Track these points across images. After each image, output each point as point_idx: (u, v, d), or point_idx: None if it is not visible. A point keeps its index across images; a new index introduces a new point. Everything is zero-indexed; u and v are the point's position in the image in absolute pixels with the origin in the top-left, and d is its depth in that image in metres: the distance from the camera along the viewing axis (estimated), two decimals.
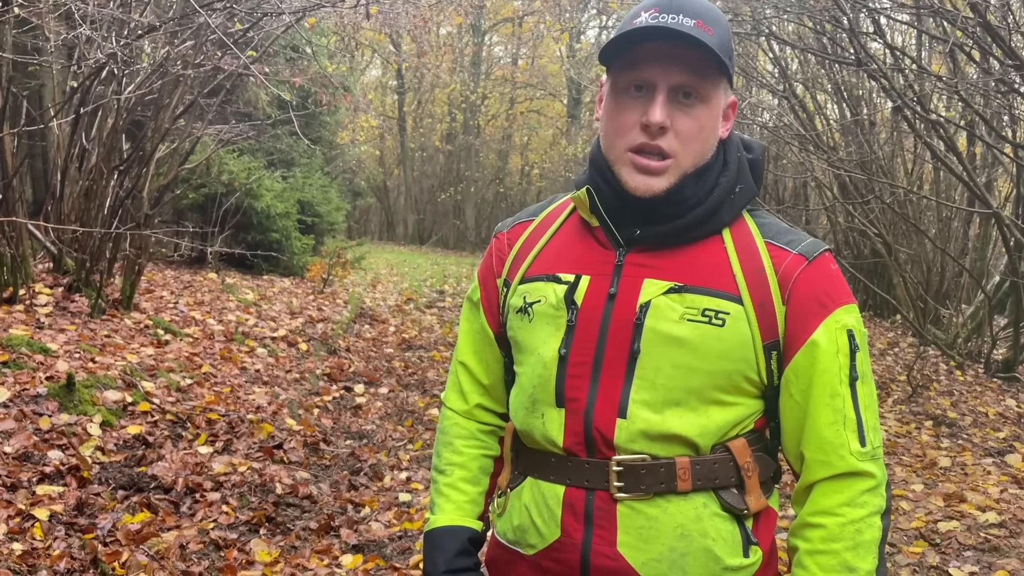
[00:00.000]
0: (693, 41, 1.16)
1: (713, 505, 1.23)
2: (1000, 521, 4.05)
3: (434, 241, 26.83)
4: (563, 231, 1.36)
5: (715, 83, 1.23)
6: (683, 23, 1.17)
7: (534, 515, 1.29)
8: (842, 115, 10.91)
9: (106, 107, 6.11)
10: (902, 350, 9.55)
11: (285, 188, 10.79)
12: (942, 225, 10.22)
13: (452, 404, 1.47)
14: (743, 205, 1.29)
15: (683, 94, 1.20)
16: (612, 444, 1.22)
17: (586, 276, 1.28)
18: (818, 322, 1.22)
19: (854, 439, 1.21)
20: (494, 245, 1.43)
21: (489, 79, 26.61)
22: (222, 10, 5.39)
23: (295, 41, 10.10)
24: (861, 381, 1.23)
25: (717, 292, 1.22)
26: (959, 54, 7.17)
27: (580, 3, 16.69)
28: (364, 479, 4.47)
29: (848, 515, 1.19)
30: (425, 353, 8.04)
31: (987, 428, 6.16)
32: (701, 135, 1.23)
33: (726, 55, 1.20)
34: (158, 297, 7.16)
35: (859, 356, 1.23)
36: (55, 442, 3.83)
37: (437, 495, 1.42)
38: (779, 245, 1.26)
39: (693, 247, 1.26)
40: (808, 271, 1.24)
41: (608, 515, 1.23)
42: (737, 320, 1.21)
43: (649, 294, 1.23)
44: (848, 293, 1.26)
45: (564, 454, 1.26)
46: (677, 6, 1.19)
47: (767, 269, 1.24)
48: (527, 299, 1.31)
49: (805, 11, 7.87)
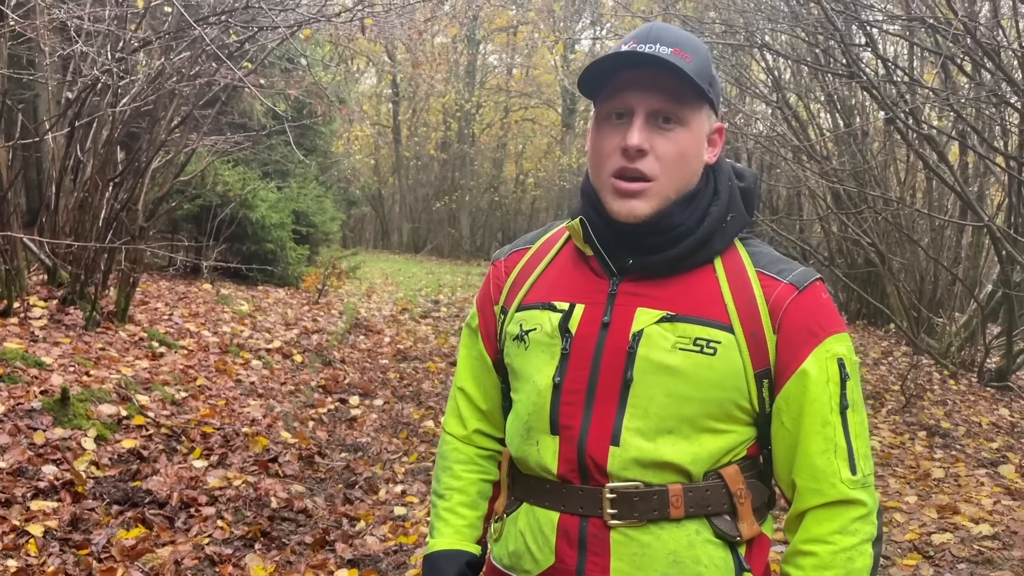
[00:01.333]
0: (669, 67, 1.19)
1: (706, 532, 1.24)
2: (993, 533, 4.07)
3: (429, 250, 26.85)
4: (559, 259, 1.38)
5: (694, 108, 1.24)
6: (660, 51, 1.20)
7: (529, 541, 1.31)
8: (835, 125, 10.97)
9: (101, 119, 6.11)
10: (896, 359, 9.58)
11: (280, 198, 10.80)
12: (935, 234, 10.26)
13: (451, 429, 1.49)
14: (735, 234, 1.30)
15: (662, 119, 1.23)
16: (605, 472, 1.24)
17: (580, 304, 1.29)
18: (808, 351, 1.23)
19: (845, 467, 1.22)
20: (491, 273, 1.45)
21: (484, 88, 26.68)
22: (217, 24, 5.40)
23: (290, 52, 10.11)
24: (852, 409, 1.24)
25: (709, 321, 1.24)
26: (951, 66, 7.22)
27: (574, 13, 16.75)
28: (359, 492, 4.47)
29: (840, 543, 1.20)
30: (420, 364, 8.04)
31: (980, 438, 6.19)
32: (682, 159, 1.24)
33: (705, 81, 1.22)
34: (153, 309, 7.15)
35: (850, 385, 1.24)
36: (49, 457, 3.82)
37: (436, 519, 1.43)
38: (770, 274, 1.27)
39: (685, 276, 1.27)
40: (799, 300, 1.25)
41: (602, 542, 1.24)
42: (728, 349, 1.23)
43: (642, 323, 1.24)
44: (839, 322, 1.27)
45: (558, 481, 1.28)
46: (655, 36, 1.22)
47: (758, 298, 1.25)
48: (523, 327, 1.33)
49: (798, 23, 7.92)
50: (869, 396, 7.51)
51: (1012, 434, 6.40)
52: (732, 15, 8.64)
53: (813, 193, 11.41)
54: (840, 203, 10.18)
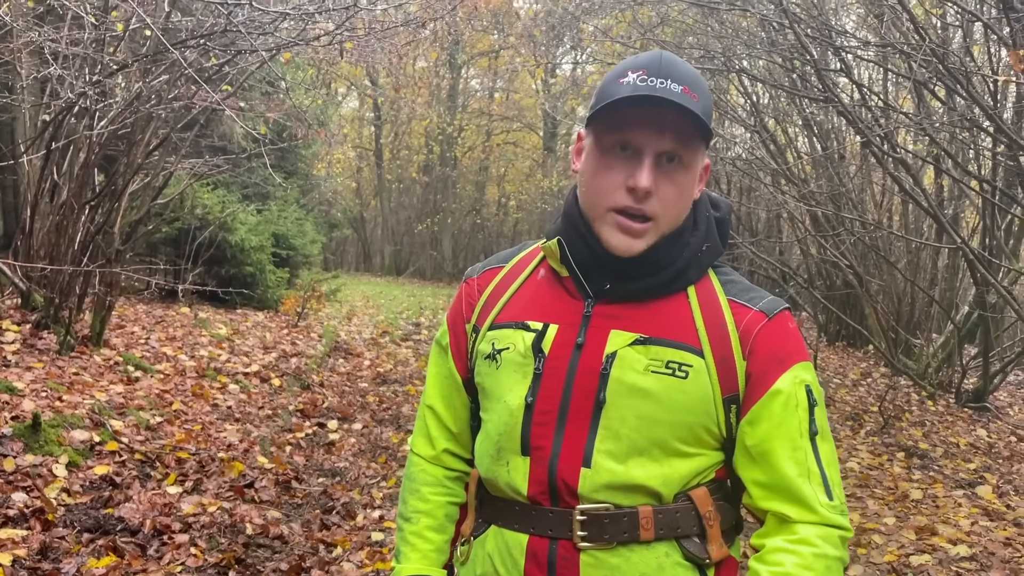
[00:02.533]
0: (683, 110, 1.18)
1: (675, 554, 1.24)
2: (971, 554, 4.08)
3: (411, 272, 26.82)
4: (533, 279, 1.38)
5: (696, 149, 1.25)
6: (671, 89, 1.18)
7: (497, 564, 1.30)
8: (812, 149, 11.10)
9: (78, 142, 6.08)
10: (875, 380, 9.64)
11: (260, 221, 10.76)
12: (911, 256, 10.37)
13: (419, 449, 1.47)
14: (709, 263, 1.32)
15: (667, 159, 1.22)
16: (576, 493, 1.23)
17: (554, 325, 1.29)
18: (776, 376, 1.24)
19: (822, 492, 1.22)
20: (463, 290, 1.44)
21: (466, 111, 26.82)
22: (196, 47, 5.40)
23: (270, 75, 10.12)
24: (821, 437, 1.24)
25: (681, 344, 1.24)
26: (924, 91, 7.33)
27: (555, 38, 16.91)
28: (336, 518, 4.41)
29: (823, 549, 1.19)
30: (400, 387, 7.99)
31: (958, 459, 6.22)
32: (680, 199, 1.26)
33: (710, 121, 1.23)
34: (129, 333, 7.08)
35: (817, 412, 1.25)
36: (19, 484, 3.75)
37: (403, 543, 1.42)
38: (740, 302, 1.28)
39: (659, 302, 1.28)
40: (768, 328, 1.26)
41: (571, 564, 1.23)
42: (699, 373, 1.23)
43: (615, 344, 1.25)
44: (804, 351, 1.28)
45: (528, 503, 1.27)
46: (665, 71, 1.20)
47: (729, 325, 1.26)
48: (496, 345, 1.32)
49: (774, 49, 8.03)
50: (848, 417, 7.54)
51: (989, 455, 6.44)
52: (710, 40, 8.75)
53: (792, 216, 11.51)
54: (818, 226, 10.27)
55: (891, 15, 6.40)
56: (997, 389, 8.68)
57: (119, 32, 5.50)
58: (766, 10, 7.33)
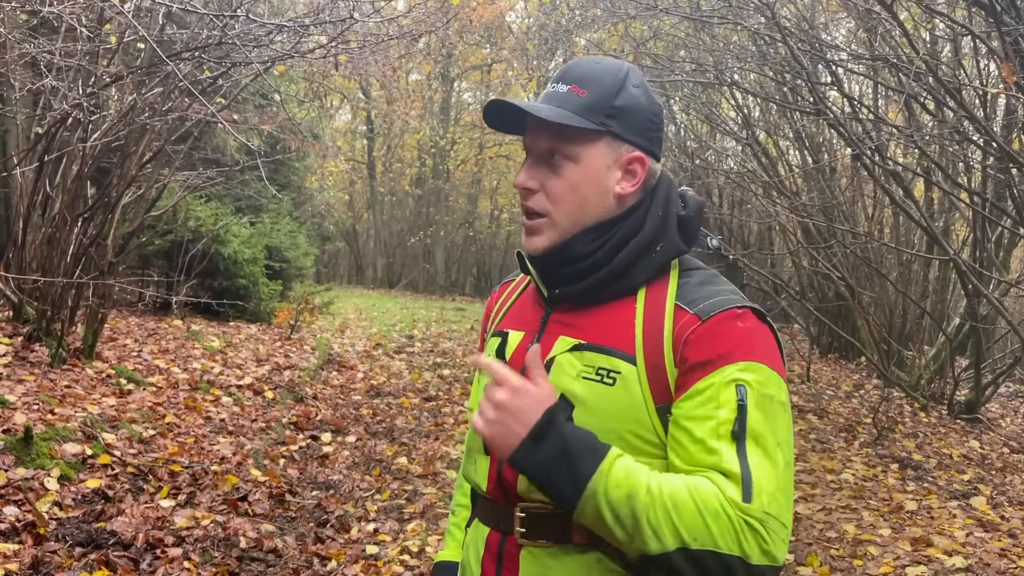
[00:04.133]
0: (534, 119, 1.28)
1: (608, 561, 1.22)
2: (967, 565, 4.08)
3: (404, 285, 26.77)
4: (527, 290, 1.47)
5: (584, 143, 1.27)
6: (557, 90, 1.28)
7: (470, 554, 1.39)
8: (804, 161, 11.16)
9: (71, 154, 6.06)
10: (867, 392, 9.66)
11: (253, 234, 10.73)
12: (903, 268, 10.42)
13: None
14: (663, 263, 1.28)
15: (551, 156, 1.29)
16: (516, 492, 1.28)
17: (520, 332, 1.37)
18: (700, 377, 1.17)
19: (736, 491, 1.10)
20: (489, 302, 1.57)
21: (458, 124, 26.86)
22: (190, 59, 5.40)
23: (264, 88, 10.13)
24: (755, 439, 1.13)
25: (613, 351, 1.24)
26: (915, 104, 7.39)
27: (547, 52, 16.99)
28: (331, 531, 4.39)
29: (722, 501, 1.09)
30: (394, 400, 7.97)
31: (952, 470, 6.23)
32: (575, 193, 1.28)
33: (597, 114, 1.26)
34: (121, 345, 7.04)
35: (754, 415, 1.14)
36: (11, 497, 3.72)
37: (447, 532, 1.59)
38: (682, 306, 1.23)
39: (607, 307, 1.28)
40: (699, 331, 1.19)
41: (514, 559, 1.29)
42: (628, 380, 1.21)
43: (556, 350, 1.29)
44: (749, 351, 1.18)
45: (489, 498, 1.35)
46: (563, 74, 1.30)
47: (666, 331, 1.22)
48: (486, 353, 1.43)
49: (766, 62, 8.09)
50: (841, 429, 7.55)
51: (983, 466, 6.45)
52: (702, 54, 8.80)
53: (783, 228, 11.57)
54: (810, 238, 10.32)
55: (881, 28, 6.45)
56: (989, 400, 8.70)
57: (113, 44, 5.49)
58: (757, 24, 7.39)
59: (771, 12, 6.06)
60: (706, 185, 13.39)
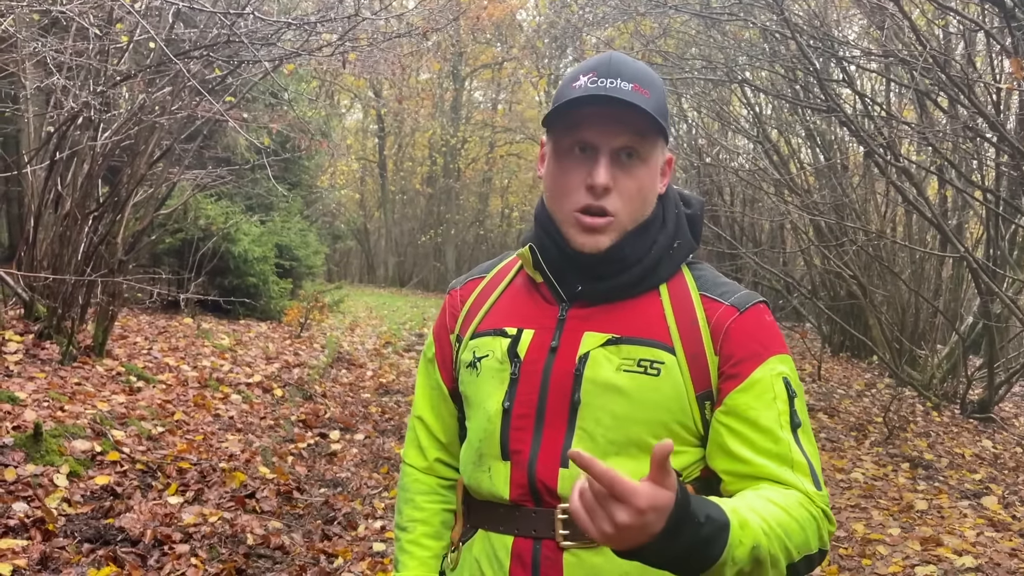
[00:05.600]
0: (633, 107, 1.20)
1: None
2: (977, 565, 4.04)
3: (414, 283, 26.83)
4: (512, 287, 1.40)
5: (653, 143, 1.26)
6: (621, 87, 1.21)
7: (484, 567, 1.30)
8: (815, 159, 11.10)
9: (82, 153, 6.09)
10: (879, 391, 9.60)
11: (263, 232, 10.77)
12: (916, 267, 10.35)
13: (411, 460, 1.49)
14: (681, 260, 1.32)
15: (625, 155, 1.24)
16: (556, 494, 1.24)
17: (530, 330, 1.31)
18: (752, 368, 1.22)
19: (809, 482, 1.18)
20: (447, 302, 1.47)
21: (469, 123, 26.88)
22: (200, 58, 5.42)
23: (274, 87, 10.16)
24: (803, 430, 1.22)
25: (651, 342, 1.24)
26: (927, 101, 7.33)
27: (557, 50, 16.97)
28: (338, 528, 4.40)
29: (808, 507, 1.15)
30: (403, 398, 7.98)
31: (963, 470, 6.18)
32: (641, 193, 1.27)
33: (662, 116, 1.24)
34: (131, 343, 7.08)
35: (798, 404, 1.23)
36: (20, 494, 3.74)
37: (400, 552, 1.44)
38: (712, 297, 1.28)
39: (631, 301, 1.29)
40: (740, 321, 1.25)
41: (555, 564, 1.23)
42: (671, 370, 1.23)
43: (588, 346, 1.26)
44: (782, 344, 1.27)
45: (512, 505, 1.28)
46: (615, 70, 1.23)
47: (700, 320, 1.26)
48: (476, 354, 1.35)
49: (777, 59, 8.05)
50: (852, 428, 7.51)
51: (995, 466, 6.40)
52: (712, 52, 8.77)
53: (795, 226, 11.51)
54: (822, 236, 10.27)
55: (893, 25, 6.41)
56: (1002, 400, 8.63)
57: (123, 43, 5.52)
58: (768, 21, 7.35)
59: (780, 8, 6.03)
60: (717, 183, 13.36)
